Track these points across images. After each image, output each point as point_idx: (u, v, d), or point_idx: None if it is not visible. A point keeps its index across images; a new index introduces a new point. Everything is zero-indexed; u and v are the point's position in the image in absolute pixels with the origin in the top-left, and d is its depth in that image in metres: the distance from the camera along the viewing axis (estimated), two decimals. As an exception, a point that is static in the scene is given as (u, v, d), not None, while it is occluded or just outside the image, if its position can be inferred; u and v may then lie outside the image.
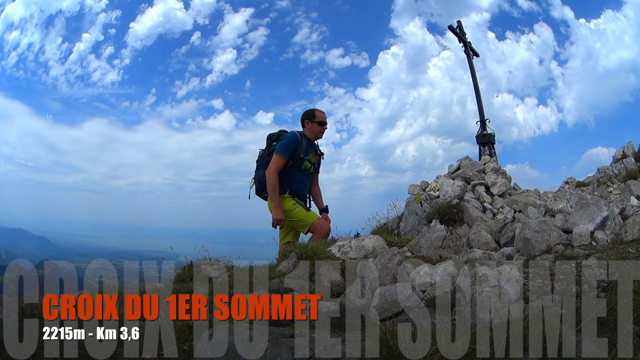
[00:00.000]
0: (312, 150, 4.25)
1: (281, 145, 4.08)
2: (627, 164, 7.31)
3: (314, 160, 4.28)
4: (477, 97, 9.47)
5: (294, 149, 4.09)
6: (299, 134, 4.18)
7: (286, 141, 4.09)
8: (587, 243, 2.87)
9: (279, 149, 4.06)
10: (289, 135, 4.14)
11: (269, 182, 4.00)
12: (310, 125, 4.26)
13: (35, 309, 1.78)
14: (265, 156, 4.25)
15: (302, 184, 4.26)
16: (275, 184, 4.01)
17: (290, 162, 4.08)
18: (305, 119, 4.28)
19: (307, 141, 4.20)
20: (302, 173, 4.21)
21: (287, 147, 4.06)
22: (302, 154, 4.13)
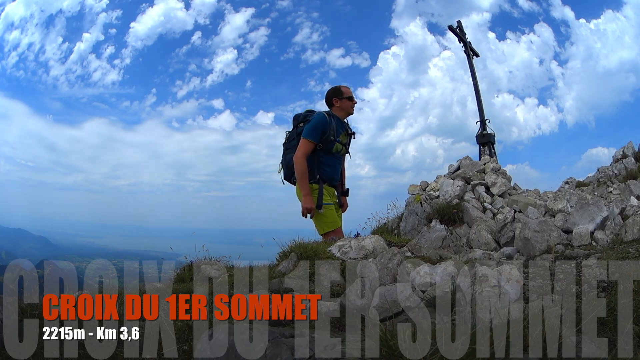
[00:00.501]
0: (342, 131, 3.95)
1: (309, 128, 3.77)
2: (627, 164, 7.31)
3: (344, 141, 3.99)
4: (477, 97, 9.48)
5: (323, 131, 3.78)
6: (328, 115, 3.86)
7: (314, 123, 3.78)
8: (587, 243, 2.87)
9: (306, 133, 3.77)
10: (317, 116, 3.82)
11: (297, 168, 3.75)
12: (339, 103, 3.95)
13: (35, 309, 1.78)
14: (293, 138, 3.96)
15: (334, 169, 3.98)
16: (304, 170, 3.74)
17: (319, 146, 3.79)
18: (333, 97, 3.96)
19: (337, 121, 3.90)
20: (333, 156, 3.93)
21: (315, 129, 3.76)
22: (332, 136, 3.83)
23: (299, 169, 3.73)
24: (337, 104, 3.95)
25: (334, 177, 3.99)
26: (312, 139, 3.75)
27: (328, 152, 3.86)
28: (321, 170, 3.84)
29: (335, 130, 3.85)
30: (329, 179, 3.93)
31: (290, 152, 3.91)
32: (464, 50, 9.79)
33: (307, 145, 3.75)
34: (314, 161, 3.81)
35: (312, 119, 3.81)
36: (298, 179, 3.78)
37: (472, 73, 9.61)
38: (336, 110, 3.95)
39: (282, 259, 3.24)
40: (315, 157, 3.81)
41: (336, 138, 3.85)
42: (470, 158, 5.81)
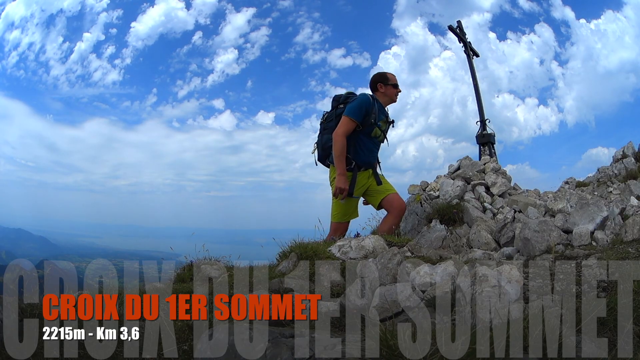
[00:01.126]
0: (383, 117, 3.86)
1: (352, 106, 3.67)
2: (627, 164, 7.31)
3: (384, 127, 3.88)
4: (477, 97, 9.47)
5: (367, 113, 3.67)
6: (372, 97, 3.78)
7: (358, 103, 3.68)
8: (587, 243, 2.87)
9: (349, 111, 3.66)
10: (362, 96, 3.74)
11: (335, 145, 3.62)
12: (384, 89, 3.85)
13: (35, 309, 1.78)
14: (332, 119, 3.86)
15: (371, 153, 3.87)
16: (342, 148, 3.61)
17: (359, 127, 3.68)
18: (378, 82, 3.87)
19: (379, 106, 3.81)
20: (372, 141, 3.82)
21: (359, 109, 3.65)
22: (374, 119, 3.73)
23: (337, 147, 3.61)
24: (381, 89, 3.87)
25: (370, 162, 3.89)
26: (354, 118, 3.64)
27: (367, 136, 3.76)
28: (358, 153, 3.75)
29: (377, 114, 3.76)
30: (365, 164, 3.84)
31: (328, 132, 3.82)
32: (464, 50, 9.79)
33: (348, 124, 3.64)
34: (351, 144, 3.70)
35: (356, 99, 3.72)
36: (335, 157, 3.64)
37: (472, 73, 9.61)
38: (380, 95, 3.87)
39: (282, 259, 3.24)
40: (353, 139, 3.70)
41: (377, 122, 3.76)
42: (470, 158, 5.81)
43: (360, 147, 3.75)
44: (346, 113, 3.66)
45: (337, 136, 3.63)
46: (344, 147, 3.62)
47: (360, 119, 3.66)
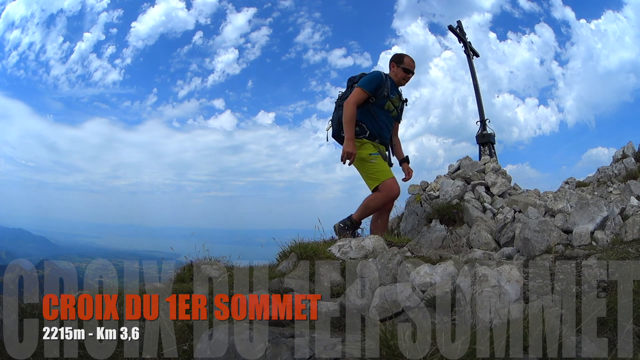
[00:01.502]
0: (396, 93, 3.98)
1: (365, 79, 3.82)
2: (627, 164, 7.31)
3: (397, 103, 3.99)
4: (477, 97, 9.47)
5: (378, 86, 3.80)
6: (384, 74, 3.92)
7: (370, 76, 3.84)
8: (587, 243, 2.87)
9: (361, 83, 3.80)
10: (374, 72, 3.91)
11: (345, 112, 3.71)
12: (395, 69, 3.99)
13: (35, 309, 1.78)
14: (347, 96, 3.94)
15: (385, 126, 3.95)
16: (352, 115, 3.71)
17: (372, 99, 3.80)
18: (392, 61, 4.02)
19: (392, 83, 3.94)
20: (385, 114, 3.92)
21: (371, 81, 3.80)
22: (386, 92, 3.85)
23: (347, 113, 3.70)
24: (392, 68, 3.99)
25: (383, 134, 3.95)
26: (366, 89, 3.75)
27: (380, 108, 3.85)
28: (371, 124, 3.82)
29: (390, 89, 3.86)
30: (379, 135, 3.90)
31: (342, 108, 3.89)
32: (464, 50, 9.79)
33: (359, 94, 3.74)
34: (365, 115, 3.81)
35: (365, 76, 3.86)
36: (344, 122, 3.72)
37: (472, 73, 9.61)
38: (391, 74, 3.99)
39: (282, 259, 3.24)
40: (367, 111, 3.80)
41: (389, 95, 3.85)
42: (470, 158, 5.81)
43: (374, 119, 3.83)
44: (358, 84, 3.78)
45: (347, 104, 3.71)
46: (353, 114, 3.70)
47: (371, 91, 3.76)
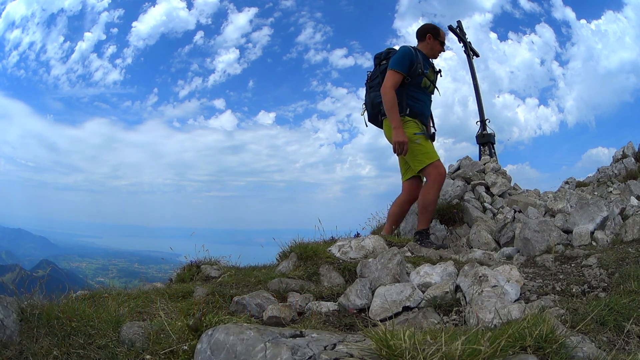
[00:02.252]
0: (429, 66, 3.78)
1: (395, 59, 3.60)
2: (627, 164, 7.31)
3: (432, 77, 3.81)
4: (477, 97, 9.47)
5: (411, 63, 3.59)
6: (413, 48, 3.71)
7: (401, 55, 3.62)
8: (587, 243, 2.87)
9: (393, 64, 3.58)
10: (402, 49, 3.67)
11: (385, 99, 3.51)
12: (432, 42, 3.80)
13: (35, 309, 1.78)
14: (377, 76, 3.81)
15: (424, 104, 3.76)
16: (393, 101, 3.49)
17: (407, 79, 3.60)
18: (429, 32, 3.81)
19: (423, 56, 3.75)
20: (422, 91, 3.74)
21: (402, 61, 3.58)
22: (420, 69, 3.64)
23: (387, 99, 3.50)
24: (429, 40, 3.81)
25: (424, 112, 3.77)
26: (399, 69, 3.55)
27: (417, 87, 3.68)
28: (411, 104, 3.63)
29: (423, 64, 3.69)
30: (419, 115, 3.71)
31: (375, 89, 3.76)
32: (464, 50, 9.78)
33: (394, 76, 3.54)
34: (403, 95, 3.61)
35: (397, 52, 3.66)
36: (387, 110, 3.52)
37: (472, 73, 9.60)
38: (424, 46, 3.82)
39: (282, 259, 3.24)
40: (404, 92, 3.61)
41: (424, 71, 3.68)
42: (470, 158, 5.81)
43: (412, 98, 3.65)
44: (390, 66, 3.57)
45: (385, 89, 3.52)
46: (394, 99, 3.49)
47: (405, 70, 3.57)
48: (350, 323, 1.95)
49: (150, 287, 2.82)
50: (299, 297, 2.31)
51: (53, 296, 2.01)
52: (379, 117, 3.82)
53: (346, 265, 2.82)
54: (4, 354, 1.57)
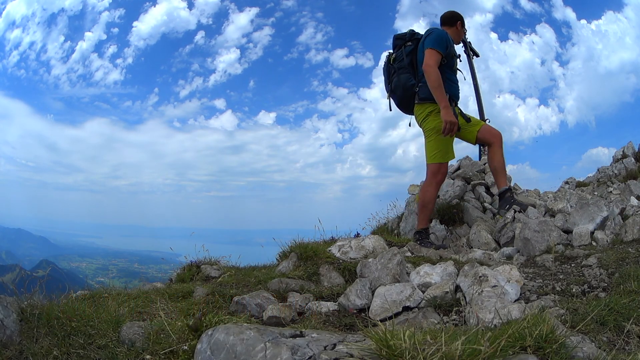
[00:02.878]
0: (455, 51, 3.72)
1: (434, 39, 3.45)
2: (627, 164, 7.31)
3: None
4: (477, 98, 9.45)
5: (447, 46, 3.48)
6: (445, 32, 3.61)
7: (438, 36, 3.48)
8: (587, 243, 2.87)
9: (432, 43, 3.42)
10: (437, 30, 3.55)
11: (431, 78, 3.34)
12: (459, 29, 3.79)
13: (35, 309, 1.78)
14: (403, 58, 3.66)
15: (457, 86, 3.66)
16: (439, 79, 3.33)
17: (444, 61, 3.47)
18: (459, 20, 3.79)
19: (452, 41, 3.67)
20: (455, 74, 3.66)
21: (441, 41, 3.45)
22: (453, 51, 3.59)
23: (433, 78, 3.32)
24: (458, 28, 3.79)
25: (458, 95, 3.69)
26: (440, 50, 3.40)
27: (450, 69, 3.59)
28: (448, 87, 3.48)
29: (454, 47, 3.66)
30: (456, 97, 3.62)
31: (404, 72, 3.63)
32: (464, 50, 9.77)
33: (436, 55, 3.38)
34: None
35: (433, 33, 3.52)
36: (434, 88, 3.35)
37: (472, 73, 9.58)
38: (453, 31, 3.75)
39: (282, 259, 3.25)
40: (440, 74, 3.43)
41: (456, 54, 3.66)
42: (470, 158, 5.81)
43: (449, 81, 3.53)
44: (430, 46, 3.42)
45: (429, 67, 3.35)
46: (440, 78, 3.34)
47: (443, 51, 3.45)
48: (350, 323, 1.95)
49: (150, 287, 2.82)
50: (299, 297, 2.31)
51: (53, 296, 2.01)
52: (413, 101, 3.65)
53: (346, 265, 2.82)
54: (4, 354, 1.57)
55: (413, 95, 3.63)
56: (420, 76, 3.55)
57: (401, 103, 3.77)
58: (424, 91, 3.51)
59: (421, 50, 3.54)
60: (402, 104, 3.77)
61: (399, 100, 3.76)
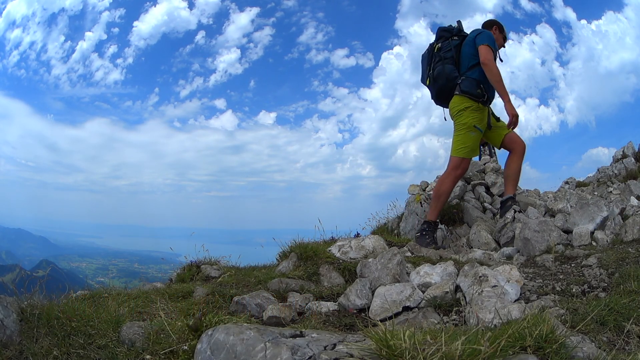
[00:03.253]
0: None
1: (488, 37, 3.61)
2: (627, 164, 7.31)
3: None
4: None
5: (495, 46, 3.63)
6: None
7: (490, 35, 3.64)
8: (587, 243, 2.87)
9: (488, 40, 3.57)
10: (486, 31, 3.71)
11: (493, 72, 3.47)
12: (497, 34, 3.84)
13: (35, 309, 1.78)
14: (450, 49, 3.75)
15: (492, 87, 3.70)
16: (499, 74, 3.48)
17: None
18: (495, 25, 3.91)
19: None
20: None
21: (493, 41, 3.61)
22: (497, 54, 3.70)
23: (495, 72, 3.48)
24: (495, 31, 3.87)
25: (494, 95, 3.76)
26: (493, 48, 3.57)
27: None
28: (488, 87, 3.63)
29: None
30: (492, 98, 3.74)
31: (449, 62, 3.73)
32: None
33: (492, 52, 3.54)
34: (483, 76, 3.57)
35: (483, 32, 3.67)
36: (496, 82, 3.49)
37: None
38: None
39: (282, 259, 3.25)
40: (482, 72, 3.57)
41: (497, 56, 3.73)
42: (470, 158, 5.81)
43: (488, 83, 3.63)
44: (486, 42, 3.55)
45: (490, 62, 3.48)
46: (500, 73, 3.50)
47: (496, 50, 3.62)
48: (350, 323, 1.95)
49: (150, 287, 2.82)
50: (299, 297, 2.31)
51: (53, 296, 2.01)
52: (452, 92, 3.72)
53: (346, 265, 2.82)
54: (4, 354, 1.57)
55: (454, 87, 3.71)
56: (464, 70, 3.68)
57: (441, 92, 3.82)
58: (466, 85, 3.62)
59: (467, 46, 3.68)
60: (441, 93, 3.83)
61: (439, 89, 3.83)
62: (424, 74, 3.96)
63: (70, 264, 61.55)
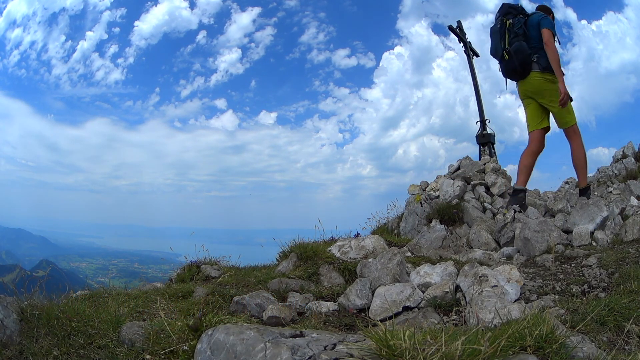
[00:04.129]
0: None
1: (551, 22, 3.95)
2: (627, 164, 7.30)
3: None
4: (477, 97, 9.47)
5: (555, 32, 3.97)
6: None
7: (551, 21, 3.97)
8: (587, 243, 2.87)
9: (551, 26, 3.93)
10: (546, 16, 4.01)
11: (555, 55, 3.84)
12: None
13: (35, 309, 1.78)
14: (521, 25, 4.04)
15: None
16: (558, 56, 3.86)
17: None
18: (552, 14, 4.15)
19: None
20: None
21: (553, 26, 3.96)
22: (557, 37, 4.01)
23: (556, 55, 3.84)
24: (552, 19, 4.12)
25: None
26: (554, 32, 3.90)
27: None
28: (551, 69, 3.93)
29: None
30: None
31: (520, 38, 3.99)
32: (464, 50, 9.80)
33: (552, 36, 3.88)
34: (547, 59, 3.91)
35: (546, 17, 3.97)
36: (555, 61, 3.84)
37: (472, 73, 9.61)
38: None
39: (282, 259, 3.24)
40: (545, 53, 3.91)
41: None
42: (470, 158, 5.81)
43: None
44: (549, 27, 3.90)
45: (552, 44, 3.85)
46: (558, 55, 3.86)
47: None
48: (350, 323, 1.95)
49: (150, 287, 2.82)
50: (299, 297, 2.31)
51: (53, 296, 2.01)
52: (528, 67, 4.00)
53: (346, 265, 2.82)
54: (4, 354, 1.57)
55: (530, 62, 4.00)
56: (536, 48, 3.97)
57: (520, 66, 4.04)
58: (545, 61, 3.94)
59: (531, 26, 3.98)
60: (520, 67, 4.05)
61: (517, 64, 4.05)
62: (498, 47, 4.18)
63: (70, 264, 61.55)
